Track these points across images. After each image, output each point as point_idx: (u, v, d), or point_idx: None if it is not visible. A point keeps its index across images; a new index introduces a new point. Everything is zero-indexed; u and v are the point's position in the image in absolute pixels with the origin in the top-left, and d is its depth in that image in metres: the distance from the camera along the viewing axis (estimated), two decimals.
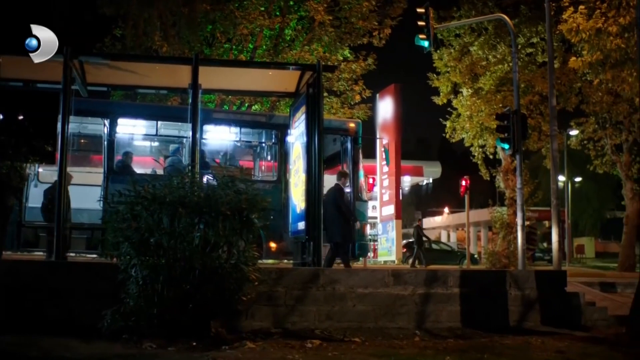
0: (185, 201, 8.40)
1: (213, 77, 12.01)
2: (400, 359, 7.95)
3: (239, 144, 15.16)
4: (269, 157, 15.36)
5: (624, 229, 29.00)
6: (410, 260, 26.12)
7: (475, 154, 28.52)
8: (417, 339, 9.32)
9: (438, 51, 28.01)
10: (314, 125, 10.84)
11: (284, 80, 12.34)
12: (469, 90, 27.55)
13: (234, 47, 24.56)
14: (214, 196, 8.53)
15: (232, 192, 8.71)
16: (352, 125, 15.40)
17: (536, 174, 37.67)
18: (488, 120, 25.60)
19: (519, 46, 26.94)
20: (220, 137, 14.80)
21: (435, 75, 28.52)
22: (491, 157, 28.61)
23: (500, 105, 25.27)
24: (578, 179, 54.78)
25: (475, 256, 33.19)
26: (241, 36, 24.11)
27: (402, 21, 25.64)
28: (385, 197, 32.86)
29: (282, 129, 14.12)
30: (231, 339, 8.50)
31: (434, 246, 34.68)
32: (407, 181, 43.64)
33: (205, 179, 9.62)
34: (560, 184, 48.14)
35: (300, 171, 11.30)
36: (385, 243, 32.43)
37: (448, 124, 28.72)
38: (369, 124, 26.98)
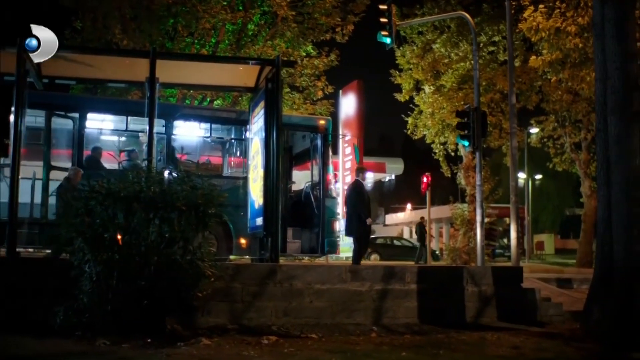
0: (140, 196, 8.29)
1: (171, 71, 11.88)
2: (356, 355, 7.92)
3: (208, 140, 14.94)
4: (238, 153, 15.20)
5: (582, 226, 29.41)
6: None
7: (437, 151, 28.72)
8: (373, 335, 9.33)
9: (401, 48, 28.11)
10: (273, 121, 10.78)
11: (244, 75, 12.25)
12: (431, 87, 27.71)
13: (196, 41, 24.31)
14: (169, 191, 8.44)
15: (188, 187, 8.63)
16: (322, 122, 15.38)
17: (497, 171, 37.96)
18: (449, 117, 25.75)
19: (481, 44, 27.16)
20: (189, 132, 14.60)
21: (397, 72, 28.62)
22: (452, 154, 28.84)
23: (462, 102, 25.36)
24: (538, 177, 55.41)
25: (437, 252, 33.41)
26: (203, 30, 23.85)
27: (365, 18, 25.64)
28: None
29: None
30: (187, 335, 8.42)
31: (396, 242, 34.85)
32: (369, 177, 43.70)
33: (166, 174, 9.49)
34: (521, 182, 48.68)
35: (259, 167, 11.24)
36: (347, 239, 32.34)
37: (410, 120, 28.85)
38: (332, 119, 26.90)
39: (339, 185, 32.18)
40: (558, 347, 9.07)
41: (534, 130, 31.82)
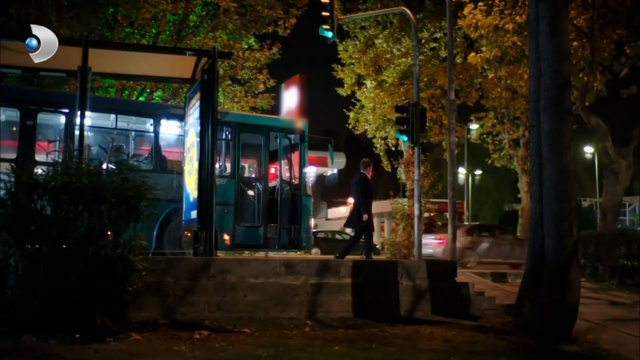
0: (69, 188, 8.09)
1: (105, 61, 11.59)
2: (288, 349, 7.88)
3: (161, 135, 14.57)
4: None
5: (519, 221, 29.94)
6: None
7: (378, 146, 28.84)
8: (307, 329, 9.30)
9: (343, 43, 28.12)
10: (208, 112, 10.63)
11: (181, 66, 12.04)
12: (373, 82, 27.79)
13: (136, 31, 23.87)
14: (99, 183, 8.25)
15: (119, 180, 8.46)
16: (299, 124, 15.85)
17: (438, 167, 38.27)
18: (390, 112, 25.86)
19: (423, 40, 27.37)
20: (139, 127, 14.52)
21: (340, 66, 28.61)
22: (393, 149, 28.99)
23: (403, 97, 25.53)
24: (478, 172, 56.21)
25: (378, 247, 33.53)
26: (144, 20, 23.41)
27: (307, 11, 25.57)
28: None
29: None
30: (117, 330, 8.24)
31: (337, 236, 34.89)
32: (312, 172, 43.59)
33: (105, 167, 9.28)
34: (461, 177, 49.43)
35: (194, 159, 11.07)
36: None
37: (352, 115, 28.90)
38: (274, 113, 26.77)
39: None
40: (489, 340, 9.20)
41: (474, 126, 32.20)
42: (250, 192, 14.93)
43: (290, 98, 32.87)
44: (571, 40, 19.25)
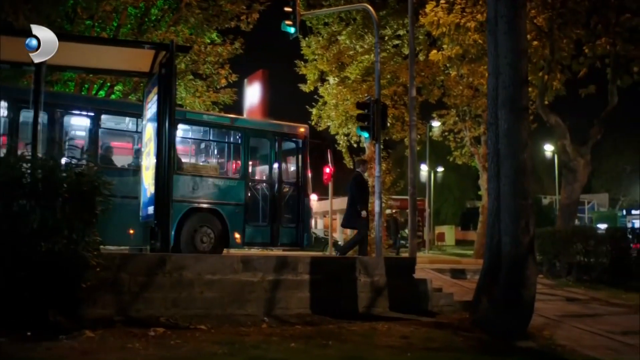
0: (21, 182, 7.92)
1: (64, 54, 11.35)
2: (244, 346, 7.82)
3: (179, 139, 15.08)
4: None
5: (480, 218, 30.17)
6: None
7: (340, 142, 28.84)
8: (264, 326, 9.23)
9: (306, 39, 28.06)
10: (166, 107, 10.50)
11: (139, 59, 11.87)
12: (336, 78, 27.80)
13: (96, 24, 23.51)
14: (52, 178, 8.09)
15: (74, 174, 8.30)
16: (302, 130, 16.73)
17: (401, 164, 38.48)
18: (353, 109, 25.82)
19: (386, 38, 27.45)
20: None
21: (302, 62, 28.55)
22: (355, 145, 29.01)
23: (366, 94, 25.55)
24: (440, 169, 56.60)
25: (340, 243, 33.56)
26: (104, 13, 23.06)
27: (270, 6, 25.40)
28: None
29: None
30: (70, 327, 8.07)
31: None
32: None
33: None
34: (424, 174, 49.72)
35: (152, 154, 10.94)
36: None
37: (314, 111, 28.86)
38: (236, 109, 26.64)
39: None
40: (446, 336, 9.22)
41: (436, 123, 32.38)
42: (259, 194, 15.74)
43: (253, 93, 32.75)
44: (531, 39, 19.49)
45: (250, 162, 15.98)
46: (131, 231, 13.68)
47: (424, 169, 49.45)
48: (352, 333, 9.04)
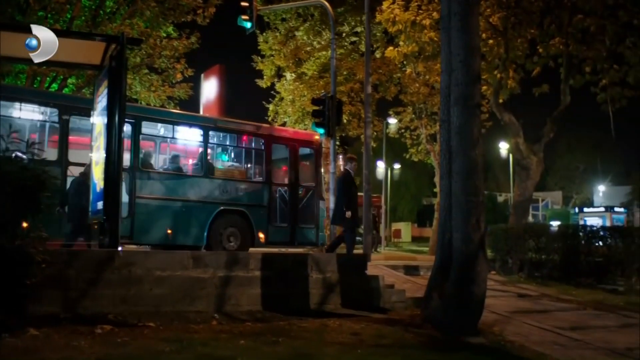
0: None
1: (11, 44, 11.07)
2: (192, 343, 7.71)
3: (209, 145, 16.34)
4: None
5: (436, 215, 30.38)
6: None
7: None
8: (214, 323, 9.12)
9: (264, 34, 27.97)
10: (115, 101, 10.30)
11: (90, 51, 11.59)
12: (293, 74, 27.76)
13: (49, 15, 23.06)
14: None
15: (18, 169, 8.11)
16: (317, 137, 17.92)
17: (358, 160, 38.62)
18: (310, 105, 25.81)
19: (344, 34, 27.50)
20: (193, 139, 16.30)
21: (259, 58, 28.44)
22: None
23: (323, 91, 25.60)
24: (397, 166, 56.86)
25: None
26: (57, 4, 22.63)
27: (227, 0, 25.26)
28: None
29: None
30: (14, 325, 7.87)
31: None
32: None
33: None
34: (381, 171, 49.89)
35: (102, 149, 10.73)
36: None
37: (271, 107, 28.79)
38: (192, 104, 26.43)
39: None
40: (397, 333, 9.22)
41: (393, 120, 32.51)
42: (280, 196, 16.84)
43: (210, 88, 32.56)
44: (487, 38, 19.66)
45: (272, 167, 16.98)
46: (169, 231, 14.89)
47: (380, 165, 49.61)
48: (302, 330, 8.99)
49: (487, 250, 10.95)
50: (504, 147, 51.76)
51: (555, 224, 22.64)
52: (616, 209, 44.54)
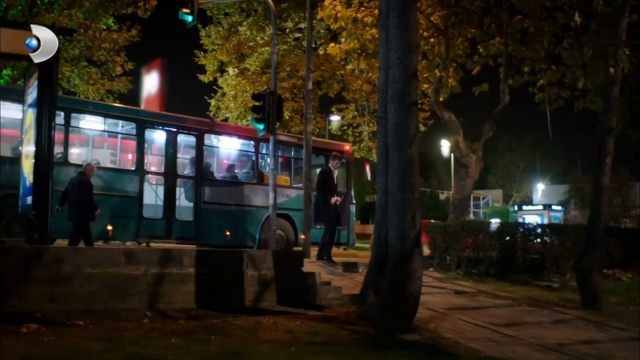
0: None
1: None
2: (122, 342, 7.53)
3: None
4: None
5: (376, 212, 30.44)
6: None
7: None
8: (146, 321, 8.93)
9: (206, 28, 27.68)
10: (46, 93, 10.02)
11: (21, 41, 11.27)
12: (235, 70, 27.55)
13: None
14: None
15: None
16: (347, 147, 21.15)
17: None
18: (252, 100, 25.66)
19: (287, 30, 27.40)
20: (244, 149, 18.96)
21: (202, 52, 28.13)
22: None
23: (266, 86, 25.41)
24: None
25: None
26: None
27: None
28: None
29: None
30: None
31: None
32: None
33: None
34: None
35: (32, 142, 10.43)
36: None
37: (213, 102, 28.53)
38: (131, 98, 25.98)
39: None
40: (332, 330, 9.17)
41: (335, 117, 32.51)
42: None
43: (151, 83, 32.08)
44: (428, 36, 19.77)
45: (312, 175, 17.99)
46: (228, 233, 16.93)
47: None
48: (236, 327, 8.86)
49: (424, 247, 10.99)
50: (445, 145, 52.33)
51: (495, 221, 22.95)
52: (554, 207, 45.40)
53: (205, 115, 29.77)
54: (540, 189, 66.91)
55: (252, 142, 18.16)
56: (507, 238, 17.50)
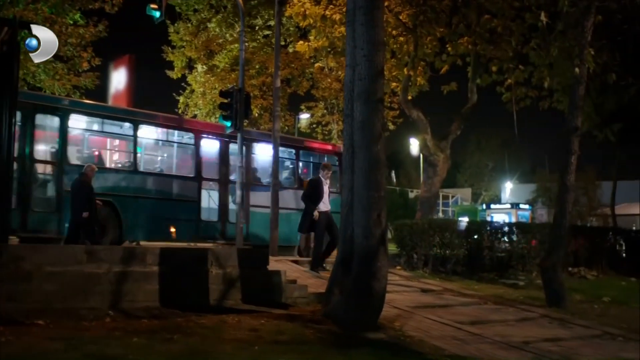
0: None
1: None
2: (82, 341, 7.41)
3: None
4: None
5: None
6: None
7: None
8: (108, 320, 8.80)
9: (175, 24, 27.46)
10: (6, 88, 9.80)
11: None
12: (204, 66, 27.36)
13: None
14: None
15: None
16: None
17: None
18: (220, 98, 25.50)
19: (257, 27, 27.28)
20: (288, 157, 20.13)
21: (170, 48, 27.88)
22: None
23: (235, 84, 25.27)
24: None
25: None
26: None
27: None
28: None
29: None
30: None
31: None
32: None
33: None
34: None
35: None
36: None
37: (181, 99, 28.30)
38: (98, 94, 25.70)
39: None
40: (296, 329, 9.10)
41: (305, 115, 32.47)
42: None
43: (119, 79, 31.77)
44: (397, 35, 19.82)
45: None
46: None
47: None
48: (200, 326, 8.76)
49: (390, 245, 10.96)
50: (414, 144, 52.49)
51: (463, 219, 23.08)
52: (521, 206, 45.68)
53: (174, 112, 29.62)
54: (508, 187, 67.30)
55: (293, 151, 19.64)
56: (475, 237, 17.57)
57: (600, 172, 45.62)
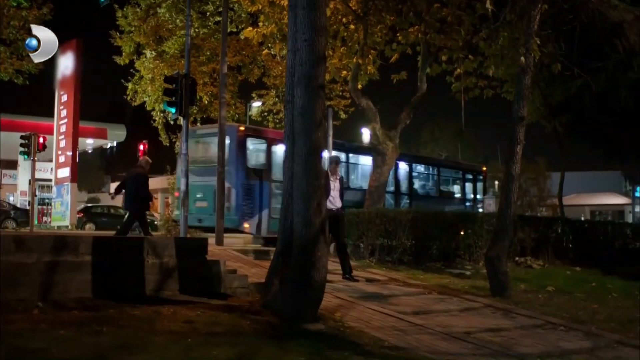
0: None
1: None
2: (6, 335, 7.14)
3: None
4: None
5: None
6: None
7: (157, 119, 27.90)
8: (36, 312, 8.48)
9: (124, 9, 26.85)
10: None
11: None
12: (153, 52, 26.80)
13: None
14: None
15: None
16: (484, 168, 32.35)
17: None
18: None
19: (208, 13, 26.83)
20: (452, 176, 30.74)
21: (118, 33, 27.24)
22: (172, 122, 28.06)
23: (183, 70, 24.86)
24: None
25: (156, 222, 32.67)
26: None
27: None
28: (62, 159, 30.96)
29: None
30: None
31: (112, 211, 33.52)
32: (89, 143, 41.65)
33: None
34: None
35: None
36: (60, 207, 30.56)
37: (130, 86, 27.69)
38: (44, 78, 25.07)
39: (52, 151, 30.24)
40: (233, 320, 8.92)
41: (257, 103, 32.14)
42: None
43: (66, 64, 31.18)
44: (347, 22, 19.63)
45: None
46: None
47: None
48: (132, 318, 8.52)
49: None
50: (366, 133, 52.43)
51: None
52: None
53: (122, 99, 29.09)
54: None
55: (436, 168, 29.35)
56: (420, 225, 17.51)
57: (550, 163, 46.26)
